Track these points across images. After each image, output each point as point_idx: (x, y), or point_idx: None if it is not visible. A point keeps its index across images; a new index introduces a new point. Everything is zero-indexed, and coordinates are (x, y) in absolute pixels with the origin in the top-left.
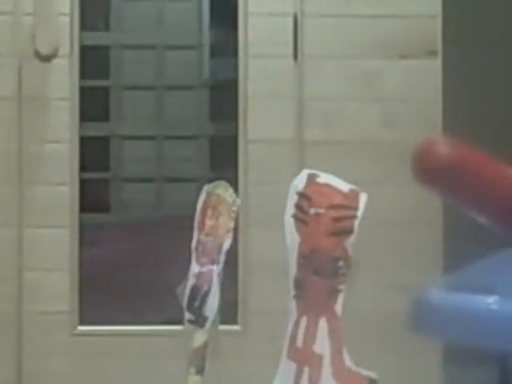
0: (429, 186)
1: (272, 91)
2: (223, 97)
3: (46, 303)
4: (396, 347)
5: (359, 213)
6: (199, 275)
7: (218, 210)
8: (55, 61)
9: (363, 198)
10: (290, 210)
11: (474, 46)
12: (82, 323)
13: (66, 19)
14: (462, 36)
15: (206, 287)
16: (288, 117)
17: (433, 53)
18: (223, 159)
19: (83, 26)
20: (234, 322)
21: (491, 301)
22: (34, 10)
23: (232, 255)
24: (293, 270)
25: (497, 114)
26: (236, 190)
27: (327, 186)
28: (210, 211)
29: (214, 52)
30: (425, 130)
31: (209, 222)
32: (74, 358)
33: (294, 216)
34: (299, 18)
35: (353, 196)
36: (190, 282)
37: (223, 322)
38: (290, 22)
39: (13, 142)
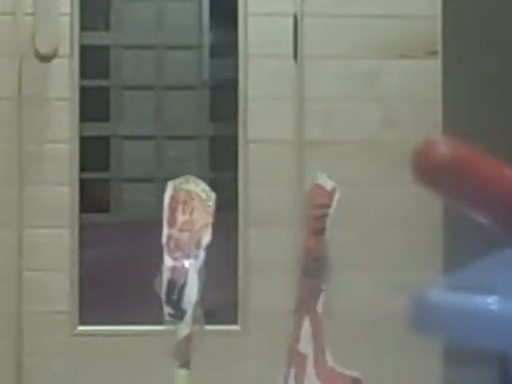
0: (429, 185)
1: (272, 91)
2: (223, 97)
3: (46, 303)
4: (396, 347)
5: (332, 210)
6: (173, 269)
7: (190, 205)
8: (55, 61)
9: (337, 196)
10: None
11: (473, 46)
12: (82, 323)
13: (66, 19)
14: (461, 36)
15: (182, 281)
16: (288, 117)
17: (433, 53)
18: (223, 159)
19: (83, 26)
20: (234, 322)
21: (491, 301)
22: (34, 10)
23: (232, 255)
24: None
25: (497, 114)
26: (236, 190)
27: (318, 185)
28: (181, 207)
29: (214, 52)
30: (425, 130)
31: (181, 218)
32: (74, 358)
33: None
34: (299, 18)
35: (332, 194)
36: (165, 276)
37: (223, 322)
38: (290, 21)
39: (13, 142)
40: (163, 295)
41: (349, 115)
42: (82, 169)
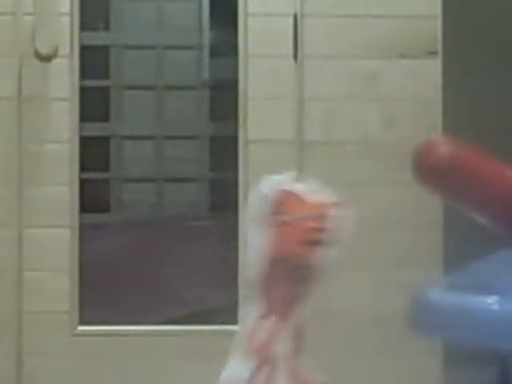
0: (429, 185)
1: (272, 91)
2: (223, 97)
3: (46, 303)
4: (396, 347)
5: (331, 225)
6: None
7: None
8: (55, 61)
9: (345, 213)
10: (258, 211)
11: (473, 46)
12: (82, 323)
13: (66, 19)
14: (462, 36)
15: None
16: (288, 117)
17: (433, 53)
18: (223, 159)
19: (83, 26)
20: (234, 322)
21: (491, 301)
22: (34, 10)
23: (232, 255)
24: (258, 271)
25: (497, 114)
26: (236, 190)
27: (307, 195)
28: None
29: (214, 52)
30: (425, 130)
31: None
32: (73, 357)
33: (263, 219)
34: (299, 18)
35: (332, 208)
36: None
37: (223, 322)
38: (290, 22)
39: (13, 142)
40: None
41: (349, 115)
42: (82, 169)
